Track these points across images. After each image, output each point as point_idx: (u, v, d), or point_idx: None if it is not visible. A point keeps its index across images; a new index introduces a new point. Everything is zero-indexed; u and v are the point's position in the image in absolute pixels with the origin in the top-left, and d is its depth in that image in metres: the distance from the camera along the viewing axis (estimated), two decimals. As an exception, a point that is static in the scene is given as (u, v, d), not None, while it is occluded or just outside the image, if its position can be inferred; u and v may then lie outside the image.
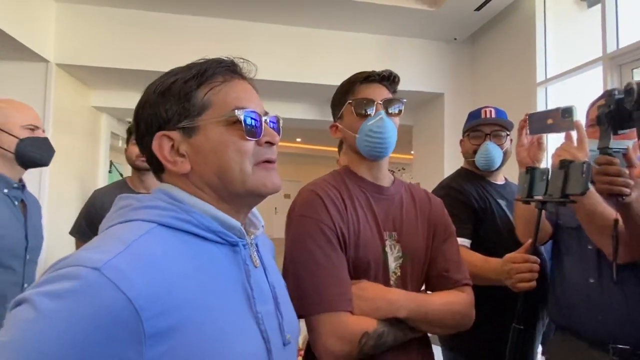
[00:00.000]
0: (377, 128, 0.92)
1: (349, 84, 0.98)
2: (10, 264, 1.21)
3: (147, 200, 0.58)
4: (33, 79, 3.07)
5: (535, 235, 1.06)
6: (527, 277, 1.07)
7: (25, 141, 1.26)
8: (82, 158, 3.72)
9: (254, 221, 0.69)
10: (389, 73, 0.97)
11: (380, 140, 0.92)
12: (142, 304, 0.45)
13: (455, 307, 0.90)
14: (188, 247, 0.55)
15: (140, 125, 0.62)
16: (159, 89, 0.60)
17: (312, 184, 0.94)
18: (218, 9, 3.27)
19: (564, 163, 0.99)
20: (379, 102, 0.94)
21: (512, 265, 1.11)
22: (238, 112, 0.59)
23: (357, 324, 0.80)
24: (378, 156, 0.96)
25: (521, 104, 3.05)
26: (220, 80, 0.61)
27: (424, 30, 3.59)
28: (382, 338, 0.81)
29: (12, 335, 0.41)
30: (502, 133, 1.46)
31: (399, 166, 9.36)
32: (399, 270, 0.92)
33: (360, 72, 0.98)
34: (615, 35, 2.45)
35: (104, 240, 0.51)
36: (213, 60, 0.62)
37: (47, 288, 0.43)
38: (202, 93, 0.59)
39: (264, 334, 0.58)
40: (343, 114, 0.99)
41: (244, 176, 0.59)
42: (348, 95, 0.97)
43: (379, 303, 0.83)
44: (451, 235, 1.01)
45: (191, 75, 0.60)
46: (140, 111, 0.62)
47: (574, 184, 0.96)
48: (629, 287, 1.07)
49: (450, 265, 0.96)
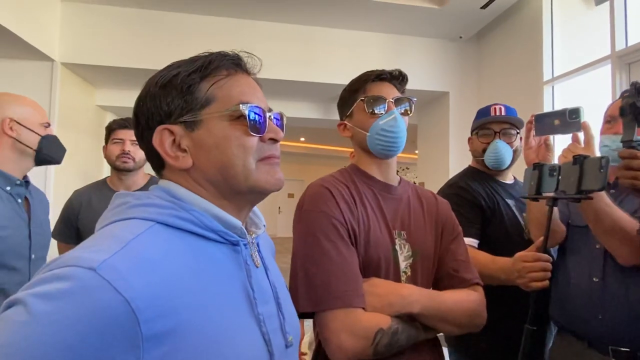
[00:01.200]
0: (389, 127, 0.92)
1: (360, 81, 0.97)
2: (15, 265, 1.20)
3: (145, 197, 0.55)
4: (38, 78, 3.09)
5: (547, 233, 1.04)
6: (540, 277, 1.05)
7: (46, 138, 1.28)
8: (87, 156, 3.74)
9: (255, 220, 0.67)
10: (398, 72, 0.96)
11: (392, 139, 0.92)
12: (140, 305, 0.43)
13: (468, 304, 0.88)
14: (188, 247, 0.53)
15: (140, 119, 0.59)
16: (161, 81, 0.58)
17: (321, 180, 0.93)
18: (222, 7, 3.27)
19: (578, 159, 0.97)
20: (390, 101, 0.93)
21: (523, 264, 1.08)
22: (242, 107, 0.57)
23: (372, 320, 0.78)
24: (388, 155, 0.95)
25: (528, 103, 3.03)
26: (225, 74, 0.59)
27: (429, 29, 3.57)
28: (396, 335, 0.79)
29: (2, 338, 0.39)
30: (512, 131, 1.44)
31: (403, 165, 9.34)
32: (409, 269, 0.90)
33: (371, 71, 0.97)
34: (624, 33, 2.42)
35: (99, 239, 0.49)
36: (217, 54, 0.60)
37: (40, 289, 0.41)
38: (206, 86, 0.58)
39: (265, 336, 0.56)
40: (353, 111, 0.97)
41: (247, 172, 0.58)
42: (359, 93, 0.96)
43: (392, 298, 0.81)
44: (459, 235, 1.00)
45: (195, 68, 0.58)
46: (140, 104, 0.59)
47: (591, 179, 0.92)
48: (633, 288, 1.06)
49: (460, 264, 0.95)
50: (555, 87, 2.97)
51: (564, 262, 1.24)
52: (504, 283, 1.15)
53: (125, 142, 1.67)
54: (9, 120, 1.21)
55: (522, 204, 1.41)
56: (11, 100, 1.25)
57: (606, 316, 1.08)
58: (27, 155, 1.26)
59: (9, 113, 1.22)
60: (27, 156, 1.26)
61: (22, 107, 1.26)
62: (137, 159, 1.66)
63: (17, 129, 1.22)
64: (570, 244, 1.24)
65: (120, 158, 1.65)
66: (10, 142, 1.22)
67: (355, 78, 0.98)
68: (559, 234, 1.24)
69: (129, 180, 1.70)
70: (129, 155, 1.66)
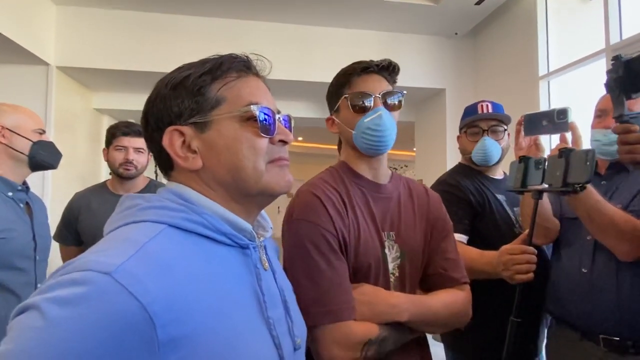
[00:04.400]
0: (374, 125, 0.87)
1: (345, 75, 0.91)
2: (21, 265, 1.25)
3: (155, 200, 0.55)
4: (34, 82, 3.08)
5: (532, 226, 1.03)
6: (525, 269, 1.05)
7: (38, 144, 1.32)
8: (84, 160, 3.73)
9: (262, 223, 0.67)
10: (387, 62, 0.90)
11: (378, 138, 0.88)
12: (157, 310, 0.42)
13: (455, 307, 0.89)
14: (200, 250, 0.53)
15: (149, 121, 0.59)
16: (171, 82, 0.58)
17: (310, 185, 0.89)
18: (217, 8, 3.27)
19: (564, 152, 0.97)
20: (377, 96, 0.88)
21: (508, 257, 1.09)
22: (253, 107, 0.57)
23: (361, 331, 0.79)
24: (377, 153, 0.91)
25: (523, 98, 3.04)
26: (235, 75, 0.59)
27: (425, 26, 3.57)
28: (384, 343, 0.80)
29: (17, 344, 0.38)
30: (500, 128, 1.44)
31: (402, 163, 9.33)
32: (397, 270, 0.90)
33: (357, 62, 0.90)
34: (618, 26, 2.42)
35: (112, 243, 0.48)
36: (228, 56, 0.60)
37: (55, 294, 0.40)
38: (216, 88, 0.58)
39: (275, 340, 0.56)
40: (339, 107, 0.93)
41: (258, 174, 0.58)
42: (344, 88, 0.91)
43: (381, 308, 0.81)
44: (449, 232, 0.99)
45: (205, 69, 0.58)
46: (150, 106, 0.59)
47: (576, 172, 0.92)
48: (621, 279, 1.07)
49: (449, 263, 0.94)
50: (550, 82, 2.97)
51: (558, 254, 1.26)
52: (491, 277, 1.16)
53: (128, 151, 1.67)
54: (0, 128, 1.25)
55: (514, 199, 1.42)
56: (4, 109, 1.30)
57: (595, 307, 1.09)
58: (21, 161, 1.31)
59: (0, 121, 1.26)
60: (21, 162, 1.31)
61: (14, 114, 1.31)
62: (139, 167, 1.69)
63: (9, 136, 1.27)
64: (563, 236, 1.25)
65: (123, 166, 1.66)
66: (2, 149, 1.26)
67: (341, 70, 0.93)
68: (553, 231, 1.25)
69: (130, 184, 1.70)
70: (132, 164, 1.66)
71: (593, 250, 1.12)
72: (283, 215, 0.90)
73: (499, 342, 1.03)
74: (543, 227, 1.21)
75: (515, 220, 1.39)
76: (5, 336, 0.40)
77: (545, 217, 1.20)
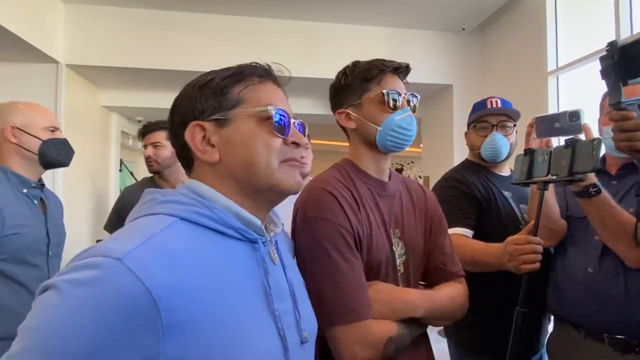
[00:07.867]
0: (406, 124, 0.91)
1: (373, 70, 0.91)
2: (34, 261, 1.27)
3: (170, 194, 0.60)
4: (43, 80, 3.11)
5: (538, 217, 1.04)
6: (531, 259, 1.06)
7: (47, 142, 1.32)
8: (94, 157, 3.77)
9: (274, 219, 0.70)
10: (406, 65, 0.95)
11: (405, 137, 0.92)
12: (161, 294, 0.46)
13: (459, 299, 0.94)
14: (208, 242, 0.56)
15: (175, 118, 0.65)
16: (198, 84, 0.64)
17: (321, 181, 0.90)
18: (224, 5, 3.27)
19: (570, 141, 0.96)
20: (404, 96, 0.91)
21: (515, 247, 1.10)
22: (270, 108, 0.62)
23: (381, 329, 0.80)
24: (396, 151, 0.95)
25: (532, 94, 3.00)
26: (256, 80, 0.65)
27: (432, 21, 3.54)
28: (402, 339, 0.82)
29: (39, 320, 0.44)
30: (509, 124, 1.44)
31: (408, 159, 9.30)
32: (402, 267, 0.92)
33: (384, 61, 0.92)
34: (629, 20, 2.39)
35: (127, 232, 0.53)
36: (250, 64, 0.66)
37: (72, 275, 0.46)
38: (238, 89, 0.63)
39: (280, 332, 0.58)
40: (363, 102, 0.92)
41: (270, 171, 0.61)
42: (373, 84, 0.91)
43: (397, 305, 0.84)
44: (445, 229, 1.03)
45: (229, 74, 0.64)
46: (176, 104, 0.65)
47: (582, 161, 0.92)
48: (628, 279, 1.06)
49: (447, 258, 0.98)
50: (560, 77, 2.94)
51: (562, 253, 1.25)
52: (496, 268, 1.17)
53: (147, 148, 1.92)
54: (10, 127, 1.28)
55: (520, 195, 1.42)
56: (15, 108, 1.32)
57: (601, 306, 1.08)
58: (32, 160, 1.32)
59: (11, 120, 1.29)
60: (32, 161, 1.32)
61: (25, 113, 1.32)
62: (160, 160, 1.89)
63: (19, 135, 1.29)
64: (569, 236, 1.24)
65: (147, 163, 1.92)
66: (14, 148, 1.27)
67: (365, 65, 0.93)
68: (559, 233, 1.24)
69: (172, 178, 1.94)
70: (152, 160, 1.91)
71: (601, 250, 1.12)
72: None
73: (502, 336, 1.03)
74: (549, 228, 1.20)
75: (521, 217, 1.39)
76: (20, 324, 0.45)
77: (552, 219, 1.20)
